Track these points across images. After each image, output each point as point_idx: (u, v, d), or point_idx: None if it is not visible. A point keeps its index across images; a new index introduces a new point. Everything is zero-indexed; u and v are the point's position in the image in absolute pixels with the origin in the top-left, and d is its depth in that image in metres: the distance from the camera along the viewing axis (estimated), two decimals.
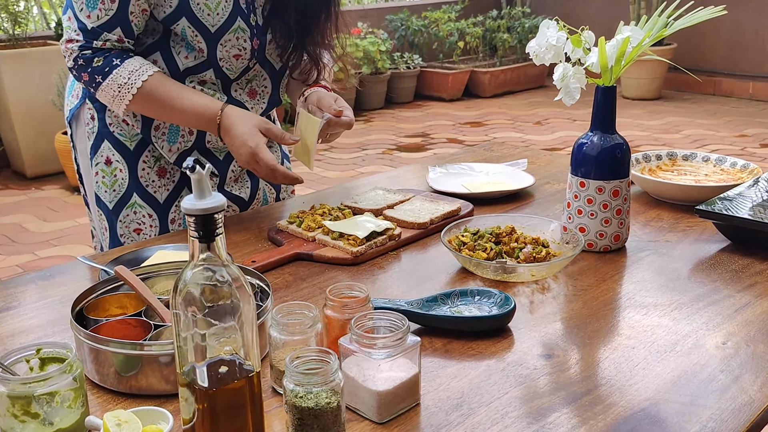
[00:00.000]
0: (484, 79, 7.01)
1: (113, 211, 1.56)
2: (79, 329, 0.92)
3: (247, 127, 1.42)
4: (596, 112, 1.32)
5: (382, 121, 6.31)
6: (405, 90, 6.89)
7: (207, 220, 0.70)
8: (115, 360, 0.91)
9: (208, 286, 0.72)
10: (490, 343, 1.04)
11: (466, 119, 6.33)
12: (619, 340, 1.05)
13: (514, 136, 5.71)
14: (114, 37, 1.40)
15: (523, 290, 1.21)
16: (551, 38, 1.28)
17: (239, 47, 1.47)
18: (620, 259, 1.33)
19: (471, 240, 1.31)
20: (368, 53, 6.32)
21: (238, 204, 1.64)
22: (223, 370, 0.74)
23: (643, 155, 1.74)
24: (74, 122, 1.59)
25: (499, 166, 1.80)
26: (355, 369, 0.89)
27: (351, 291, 0.99)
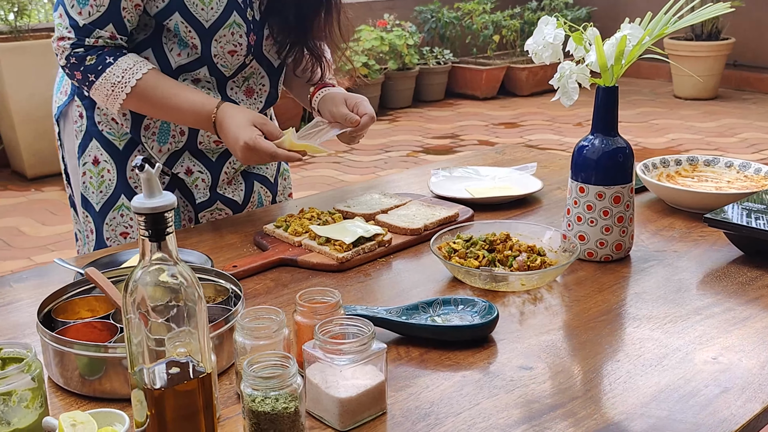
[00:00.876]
0: (521, 77, 7.04)
1: (100, 213, 1.64)
2: (44, 331, 1.00)
3: (239, 122, 1.48)
4: (597, 113, 1.37)
5: (408, 120, 6.38)
6: (434, 87, 6.95)
7: (157, 219, 0.76)
8: (79, 363, 0.98)
9: (160, 287, 0.79)
10: (469, 354, 1.10)
11: (500, 119, 6.37)
12: (604, 353, 1.10)
13: (552, 139, 5.74)
14: (106, 34, 1.48)
15: (514, 300, 1.26)
16: (549, 36, 1.33)
17: (235, 43, 1.54)
18: (621, 270, 1.37)
19: (463, 247, 1.37)
20: (395, 47, 6.40)
21: (231, 207, 1.71)
22: (174, 371, 0.81)
23: (661, 160, 1.78)
24: (62, 120, 1.68)
25: (506, 170, 1.85)
26: (318, 375, 0.95)
27: (323, 296, 1.05)
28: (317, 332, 0.94)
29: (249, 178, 1.74)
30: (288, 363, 0.88)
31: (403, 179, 1.97)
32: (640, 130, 5.90)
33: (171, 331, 0.81)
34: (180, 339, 0.82)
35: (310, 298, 1.04)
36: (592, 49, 1.32)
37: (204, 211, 1.67)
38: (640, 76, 7.50)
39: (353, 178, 4.80)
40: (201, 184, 1.65)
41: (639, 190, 1.74)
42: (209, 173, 1.66)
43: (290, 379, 0.87)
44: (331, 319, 0.98)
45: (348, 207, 1.60)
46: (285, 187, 1.85)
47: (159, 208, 0.76)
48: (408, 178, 1.96)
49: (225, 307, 1.12)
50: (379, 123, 6.27)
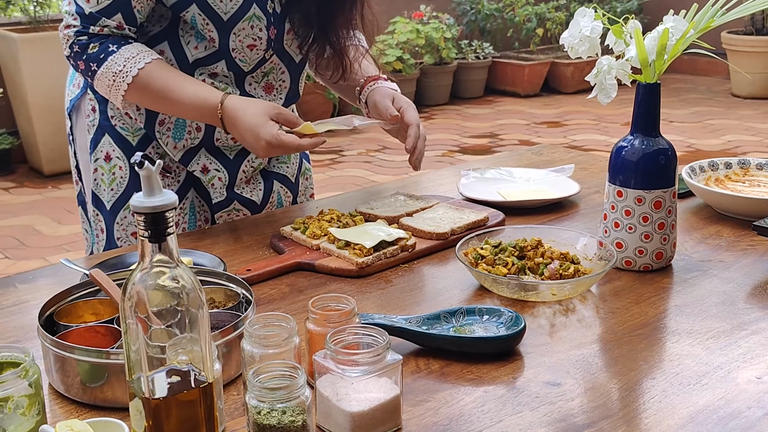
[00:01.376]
0: (567, 73, 6.99)
1: (111, 212, 1.65)
2: (45, 335, 1.01)
3: (255, 119, 1.47)
4: (637, 112, 1.35)
5: (445, 118, 6.37)
6: (473, 83, 6.94)
7: (157, 219, 0.77)
8: (80, 369, 0.99)
9: (160, 290, 0.80)
10: (493, 368, 1.09)
11: (543, 118, 6.33)
12: (639, 370, 1.08)
13: (597, 139, 5.69)
14: (113, 24, 1.49)
15: (544, 311, 1.25)
16: (585, 29, 1.32)
17: (254, 37, 1.55)
18: (662, 280, 1.35)
19: (491, 253, 1.36)
20: (431, 41, 6.39)
21: (249, 207, 1.71)
22: (174, 380, 0.81)
23: (709, 163, 1.75)
24: (74, 114, 1.70)
25: (542, 172, 1.84)
26: (329, 387, 0.94)
27: (337, 303, 1.05)
28: (328, 341, 0.94)
29: (268, 178, 1.75)
30: (296, 373, 0.88)
31: (431, 180, 1.96)
32: (695, 130, 5.81)
33: (172, 338, 0.81)
34: (182, 346, 0.83)
35: (323, 305, 1.04)
36: (633, 43, 1.30)
37: (221, 212, 1.68)
38: (696, 72, 7.40)
39: (384, 179, 4.80)
40: (218, 183, 1.66)
41: (685, 195, 1.71)
42: (226, 172, 1.67)
43: (298, 390, 0.87)
44: (344, 328, 0.97)
45: (371, 209, 1.59)
46: (306, 187, 1.86)
47: (159, 207, 0.77)
48: (437, 179, 1.95)
49: (234, 313, 1.12)
50: None
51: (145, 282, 0.79)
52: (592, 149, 5.33)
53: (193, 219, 1.70)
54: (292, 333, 0.99)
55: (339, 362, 0.93)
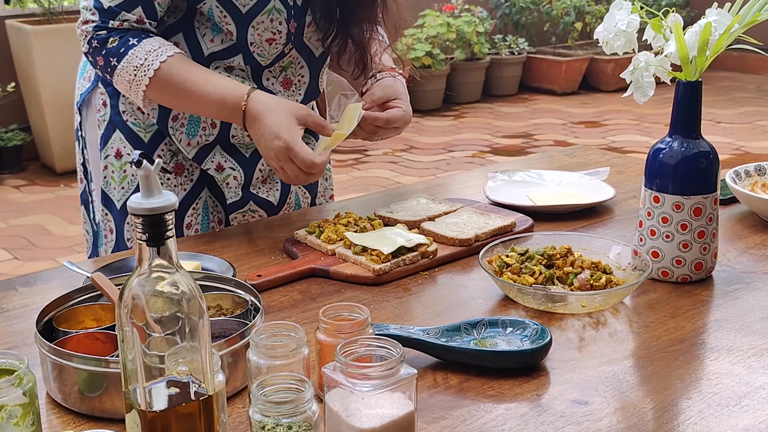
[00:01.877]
0: (607, 69, 6.94)
1: (121, 212, 1.66)
2: (42, 341, 1.01)
3: (281, 117, 1.46)
4: (677, 111, 1.33)
5: (476, 117, 6.36)
6: (507, 80, 6.91)
7: (156, 221, 0.76)
8: (78, 377, 0.99)
9: (159, 297, 0.79)
10: (516, 383, 1.07)
11: (580, 118, 6.29)
12: (674, 389, 1.06)
13: (638, 141, 5.64)
14: (133, 18, 1.49)
15: (573, 324, 1.23)
16: (621, 22, 1.30)
17: (273, 30, 1.55)
18: (701, 292, 1.32)
19: (517, 261, 1.34)
20: (463, 35, 6.38)
21: (265, 209, 1.71)
22: (173, 392, 0.81)
23: (756, 167, 1.72)
24: (84, 108, 1.71)
25: (574, 174, 1.82)
26: (338, 402, 0.93)
27: (349, 313, 1.04)
28: (338, 353, 0.92)
29: None
30: (303, 387, 0.87)
31: (457, 182, 1.95)
32: (743, 132, 5.75)
33: (171, 347, 0.81)
34: (181, 356, 0.82)
35: (335, 315, 1.03)
36: (672, 38, 1.28)
37: (235, 213, 1.68)
38: (745, 69, 7.32)
39: (410, 180, 4.79)
40: (233, 183, 1.66)
41: (728, 201, 1.68)
42: (242, 170, 1.67)
43: (305, 404, 0.86)
44: (356, 339, 0.96)
45: (390, 212, 1.58)
46: (326, 188, 1.85)
47: (158, 209, 0.76)
48: (463, 181, 1.94)
49: (242, 321, 1.12)
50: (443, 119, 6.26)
51: (142, 288, 0.78)
52: (632, 151, 5.29)
53: (206, 220, 1.70)
54: (301, 343, 0.98)
55: (349, 375, 0.92)
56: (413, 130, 5.82)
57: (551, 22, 7.03)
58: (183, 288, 0.79)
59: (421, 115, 6.30)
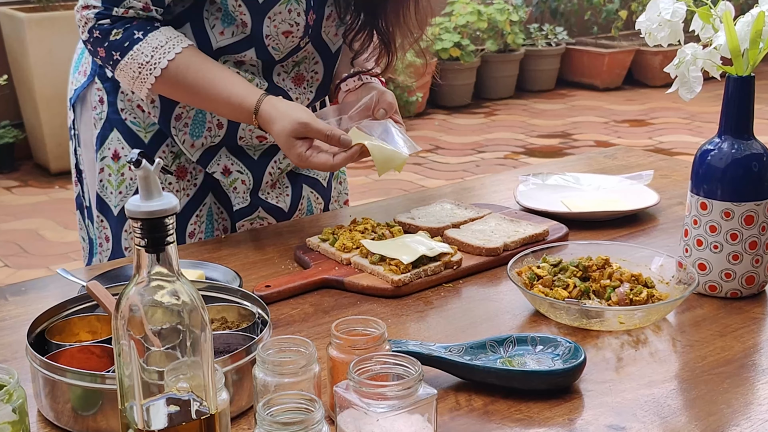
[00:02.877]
0: (654, 62, 6.93)
1: (118, 218, 1.68)
2: (34, 355, 1.03)
3: (281, 138, 1.50)
4: (727, 110, 1.34)
5: (509, 114, 6.36)
6: (543, 74, 6.92)
7: (155, 226, 0.78)
8: (72, 394, 1.01)
9: (158, 307, 0.81)
10: (546, 407, 1.08)
11: (624, 116, 6.29)
12: (720, 414, 1.06)
13: (688, 141, 5.62)
14: (139, 5, 1.51)
15: (610, 342, 1.24)
16: (665, 11, 1.31)
17: (291, 22, 1.56)
18: (753, 309, 1.33)
19: (549, 273, 1.35)
20: (495, 24, 6.39)
21: (275, 215, 1.73)
22: (173, 410, 0.82)
23: None
24: (79, 105, 1.73)
25: (615, 178, 1.82)
26: (351, 424, 0.95)
27: (364, 327, 1.05)
28: (351, 371, 0.94)
29: (297, 181, 1.76)
30: (312, 407, 0.89)
31: (486, 186, 1.96)
32: None
33: (171, 362, 0.82)
34: (182, 371, 0.84)
35: (348, 329, 1.05)
36: (722, 28, 1.29)
37: (243, 220, 1.70)
38: None
39: (436, 184, 4.80)
40: (240, 187, 1.67)
41: None
42: (250, 174, 1.68)
43: (314, 426, 0.87)
44: (371, 356, 0.97)
45: (411, 218, 1.60)
46: (340, 192, 1.87)
47: (158, 212, 0.78)
48: (492, 185, 1.95)
49: (248, 335, 1.13)
50: (473, 117, 6.27)
51: (141, 297, 0.80)
52: (681, 153, 5.27)
53: (210, 228, 1.72)
54: (312, 360, 0.99)
55: (363, 395, 0.93)
56: (440, 129, 5.84)
57: (593, 10, 7.02)
58: (184, 298, 0.81)
59: (448, 112, 6.32)
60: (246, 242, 1.61)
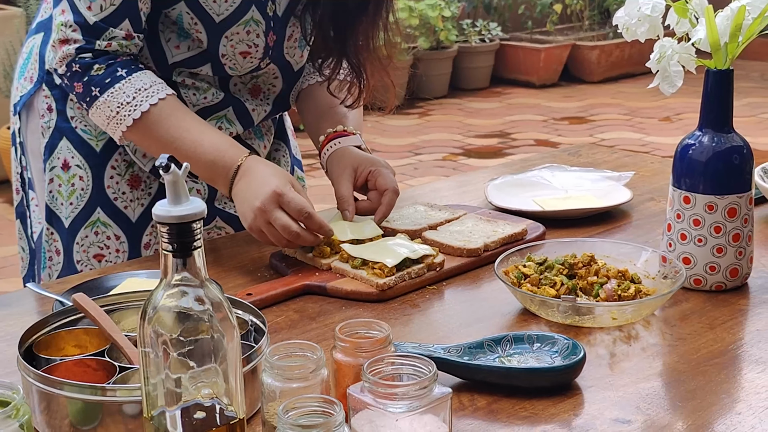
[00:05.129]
0: (591, 57, 7.12)
1: (69, 230, 1.69)
2: (28, 369, 1.06)
3: (274, 170, 1.52)
4: (707, 104, 1.43)
5: (444, 114, 6.46)
6: (478, 71, 7.04)
7: (183, 230, 0.83)
8: (71, 408, 1.04)
9: (184, 313, 0.85)
10: (550, 403, 1.15)
11: (563, 113, 6.44)
12: (721, 404, 1.14)
13: (631, 138, 5.80)
14: (121, 33, 1.53)
15: (602, 338, 1.31)
16: (645, 6, 1.39)
17: (249, 43, 1.61)
18: (738, 301, 1.42)
19: (535, 272, 1.42)
20: (427, 20, 6.49)
21: (232, 224, 1.77)
22: (199, 416, 0.87)
23: None
24: (25, 113, 1.74)
25: (590, 175, 1.90)
26: (367, 426, 1.00)
27: (368, 330, 1.10)
28: (366, 372, 0.99)
29: None
30: (333, 409, 0.94)
31: (448, 188, 2.03)
32: (749, 126, 5.93)
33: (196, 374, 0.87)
34: (203, 379, 0.88)
35: (352, 332, 1.10)
36: (701, 23, 1.38)
37: None
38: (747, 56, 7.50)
39: None
40: (196, 196, 1.71)
41: (757, 201, 1.78)
42: (204, 183, 1.72)
43: (336, 428, 0.92)
44: (383, 357, 1.03)
45: (387, 222, 1.65)
46: None
47: (187, 217, 0.82)
48: (456, 186, 2.02)
49: (245, 343, 1.18)
50: (407, 118, 6.35)
51: (167, 303, 0.84)
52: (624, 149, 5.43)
53: None
54: (321, 364, 1.04)
55: (379, 396, 0.98)
56: (373, 131, 5.91)
57: (527, 4, 7.18)
58: (210, 303, 0.85)
59: (381, 113, 6.37)
60: (207, 252, 1.64)
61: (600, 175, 1.91)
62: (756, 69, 7.36)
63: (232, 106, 1.69)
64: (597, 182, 1.88)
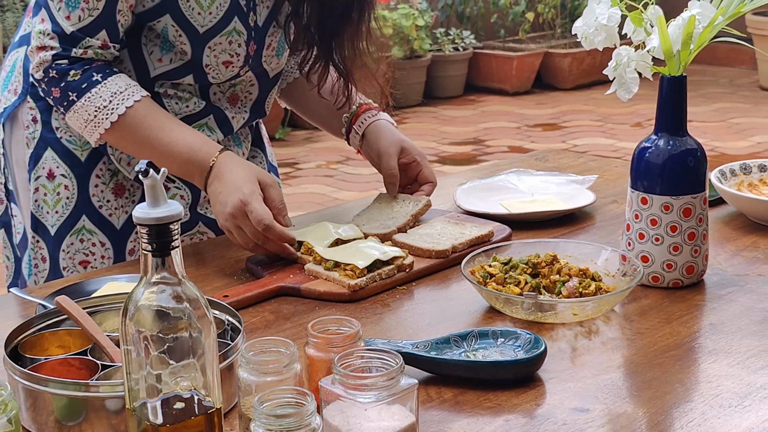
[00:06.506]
0: (563, 65, 7.21)
1: (55, 238, 1.74)
2: (14, 367, 1.11)
3: (244, 173, 1.59)
4: (661, 109, 1.49)
5: (419, 122, 6.53)
6: (451, 80, 7.11)
7: (162, 231, 0.88)
8: (56, 404, 1.09)
9: (163, 311, 0.91)
10: (513, 394, 1.21)
11: (536, 120, 6.52)
12: (675, 393, 1.21)
13: (603, 144, 5.88)
14: (97, 43, 1.59)
15: (564, 333, 1.37)
16: (602, 17, 1.46)
17: (231, 53, 1.67)
18: (694, 297, 1.48)
19: (500, 271, 1.48)
20: (400, 29, 6.56)
21: (213, 229, 1.82)
22: (179, 407, 0.92)
23: (741, 165, 1.90)
24: (9, 124, 1.79)
25: (555, 179, 1.97)
26: (338, 417, 1.06)
27: (339, 326, 1.16)
28: (336, 365, 1.05)
29: None
30: (305, 400, 0.99)
31: None
32: (717, 130, 6.04)
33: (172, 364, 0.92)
34: (182, 373, 0.94)
35: (324, 329, 1.16)
36: (654, 31, 1.45)
37: (183, 235, 1.78)
38: (715, 62, 7.65)
39: (350, 196, 4.92)
40: (180, 202, 1.76)
41: (715, 202, 1.85)
42: (188, 189, 1.77)
43: (308, 417, 0.98)
44: (352, 351, 1.09)
45: (358, 225, 1.71)
46: None
47: (165, 218, 0.88)
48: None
49: (221, 341, 1.23)
50: None
51: (147, 300, 0.90)
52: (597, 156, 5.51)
53: None
54: (294, 359, 1.10)
55: (349, 387, 1.04)
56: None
57: (499, 13, 7.26)
58: (189, 300, 0.91)
59: None
60: (190, 256, 1.70)
61: (565, 179, 1.97)
62: (725, 75, 7.48)
63: (213, 114, 1.74)
64: (562, 186, 1.94)
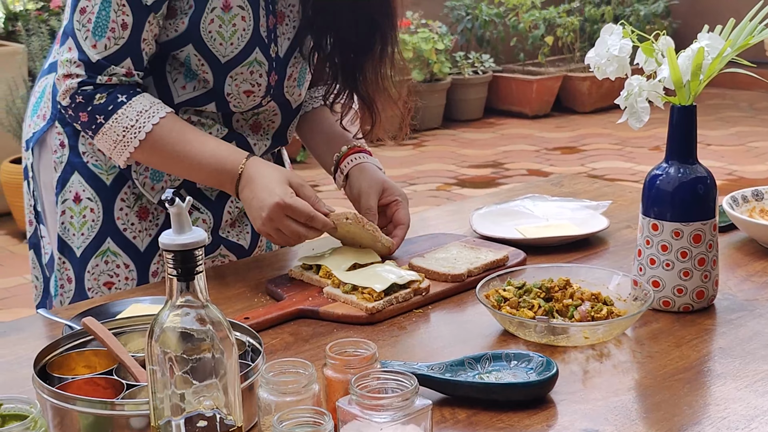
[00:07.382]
0: (582, 88, 7.24)
1: (81, 260, 1.79)
2: (42, 386, 1.15)
3: (275, 175, 1.64)
4: (672, 137, 1.53)
5: (438, 145, 6.58)
6: (471, 103, 7.16)
7: (187, 257, 0.92)
8: (83, 422, 1.13)
9: (187, 333, 0.95)
10: (525, 416, 1.24)
11: (555, 143, 6.56)
12: (683, 415, 1.24)
13: (622, 167, 5.90)
14: (122, 71, 1.65)
15: (576, 356, 1.41)
16: (613, 47, 1.50)
17: (252, 82, 1.73)
18: (704, 321, 1.51)
19: (514, 295, 1.52)
20: (421, 53, 6.62)
21: (236, 252, 1.87)
22: (201, 425, 0.96)
23: (753, 192, 1.93)
24: (38, 148, 1.85)
25: (570, 204, 2.00)
26: None
27: (356, 349, 1.20)
28: (353, 385, 1.09)
29: None
30: (322, 419, 1.03)
31: (437, 217, 2.13)
32: (736, 154, 6.05)
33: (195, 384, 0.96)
34: (205, 393, 0.98)
35: (341, 351, 1.20)
36: (665, 62, 1.48)
37: (206, 257, 1.83)
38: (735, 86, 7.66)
39: None
40: (202, 226, 1.80)
41: (726, 228, 1.88)
42: (210, 213, 1.82)
43: None
44: (368, 373, 1.12)
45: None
46: None
47: (189, 245, 0.92)
48: (443, 216, 2.12)
49: (242, 362, 1.27)
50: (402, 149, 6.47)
51: (173, 323, 0.94)
52: (615, 179, 5.54)
53: None
54: (312, 380, 1.14)
55: (365, 407, 1.08)
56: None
57: (519, 37, 7.31)
58: (211, 323, 0.95)
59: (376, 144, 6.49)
60: (212, 278, 1.74)
61: (579, 204, 2.00)
62: (744, 99, 7.50)
63: (236, 140, 1.79)
64: (576, 211, 1.97)
